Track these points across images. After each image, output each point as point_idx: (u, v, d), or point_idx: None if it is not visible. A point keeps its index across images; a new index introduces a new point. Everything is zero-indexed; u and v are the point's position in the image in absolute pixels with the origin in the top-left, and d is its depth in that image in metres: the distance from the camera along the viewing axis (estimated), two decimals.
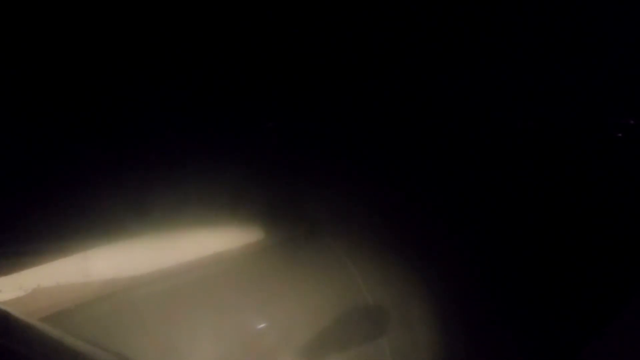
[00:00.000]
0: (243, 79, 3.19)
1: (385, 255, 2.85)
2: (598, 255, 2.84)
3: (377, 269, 2.82)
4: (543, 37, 3.29)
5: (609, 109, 3.23)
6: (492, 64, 3.35)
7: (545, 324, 2.65)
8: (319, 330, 2.55)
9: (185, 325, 2.38)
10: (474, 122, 3.33)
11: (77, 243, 2.35)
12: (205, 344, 2.41)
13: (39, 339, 1.56)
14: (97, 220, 2.52)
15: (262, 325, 2.54)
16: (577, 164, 3.15)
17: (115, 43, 2.95)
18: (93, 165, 2.77)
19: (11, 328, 1.56)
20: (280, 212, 2.88)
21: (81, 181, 2.69)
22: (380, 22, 3.33)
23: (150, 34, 2.98)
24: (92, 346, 1.65)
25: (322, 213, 2.94)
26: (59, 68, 2.87)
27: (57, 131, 2.82)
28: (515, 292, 2.79)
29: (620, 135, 3.17)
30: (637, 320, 2.51)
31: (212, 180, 2.82)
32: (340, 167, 3.13)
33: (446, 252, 2.93)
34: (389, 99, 3.37)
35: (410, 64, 3.39)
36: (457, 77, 3.36)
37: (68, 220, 2.52)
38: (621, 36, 3.19)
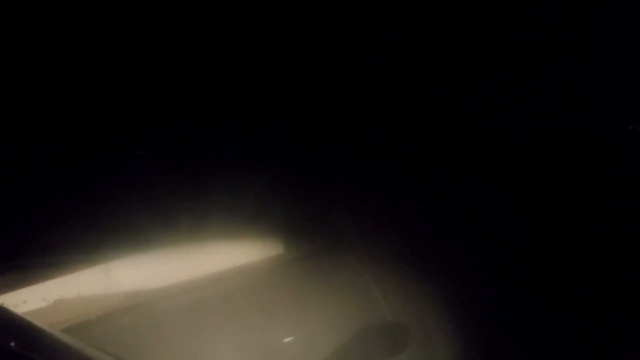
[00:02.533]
0: (269, 95, 3.22)
1: (406, 270, 2.83)
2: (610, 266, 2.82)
3: (397, 284, 2.80)
4: (548, 44, 3.28)
5: (610, 114, 3.22)
6: (497, 71, 3.35)
7: (574, 342, 2.60)
8: (339, 344, 2.53)
9: (206, 338, 2.38)
10: (486, 131, 3.32)
11: (99, 255, 2.37)
12: (226, 356, 2.40)
13: (61, 350, 1.57)
14: (120, 232, 2.54)
15: (283, 339, 2.53)
16: (579, 169, 3.13)
17: (140, 58, 3.00)
18: (116, 177, 2.81)
19: (34, 338, 1.57)
20: (301, 227, 2.88)
21: (104, 193, 2.72)
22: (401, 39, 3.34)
23: (174, 49, 3.03)
24: (113, 358, 1.65)
25: (343, 228, 2.94)
26: (86, 83, 2.92)
27: (82, 144, 2.86)
28: (539, 309, 2.74)
29: (620, 140, 3.15)
30: None
31: (235, 195, 2.83)
32: (361, 183, 3.13)
33: (467, 268, 2.90)
34: (412, 116, 3.38)
35: (436, 81, 3.40)
36: (471, 87, 3.36)
37: (91, 232, 2.55)
38: (625, 42, 3.17)
